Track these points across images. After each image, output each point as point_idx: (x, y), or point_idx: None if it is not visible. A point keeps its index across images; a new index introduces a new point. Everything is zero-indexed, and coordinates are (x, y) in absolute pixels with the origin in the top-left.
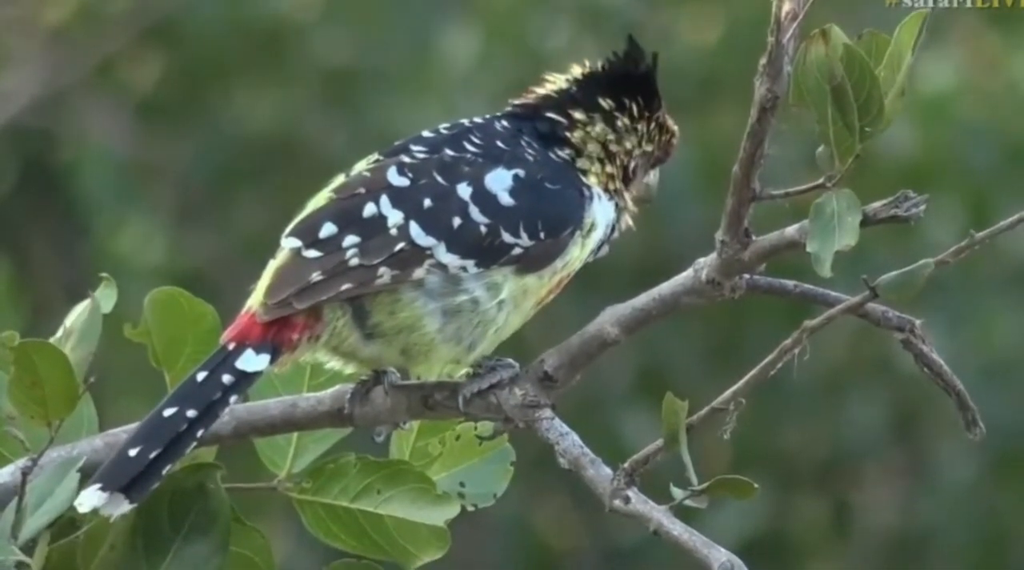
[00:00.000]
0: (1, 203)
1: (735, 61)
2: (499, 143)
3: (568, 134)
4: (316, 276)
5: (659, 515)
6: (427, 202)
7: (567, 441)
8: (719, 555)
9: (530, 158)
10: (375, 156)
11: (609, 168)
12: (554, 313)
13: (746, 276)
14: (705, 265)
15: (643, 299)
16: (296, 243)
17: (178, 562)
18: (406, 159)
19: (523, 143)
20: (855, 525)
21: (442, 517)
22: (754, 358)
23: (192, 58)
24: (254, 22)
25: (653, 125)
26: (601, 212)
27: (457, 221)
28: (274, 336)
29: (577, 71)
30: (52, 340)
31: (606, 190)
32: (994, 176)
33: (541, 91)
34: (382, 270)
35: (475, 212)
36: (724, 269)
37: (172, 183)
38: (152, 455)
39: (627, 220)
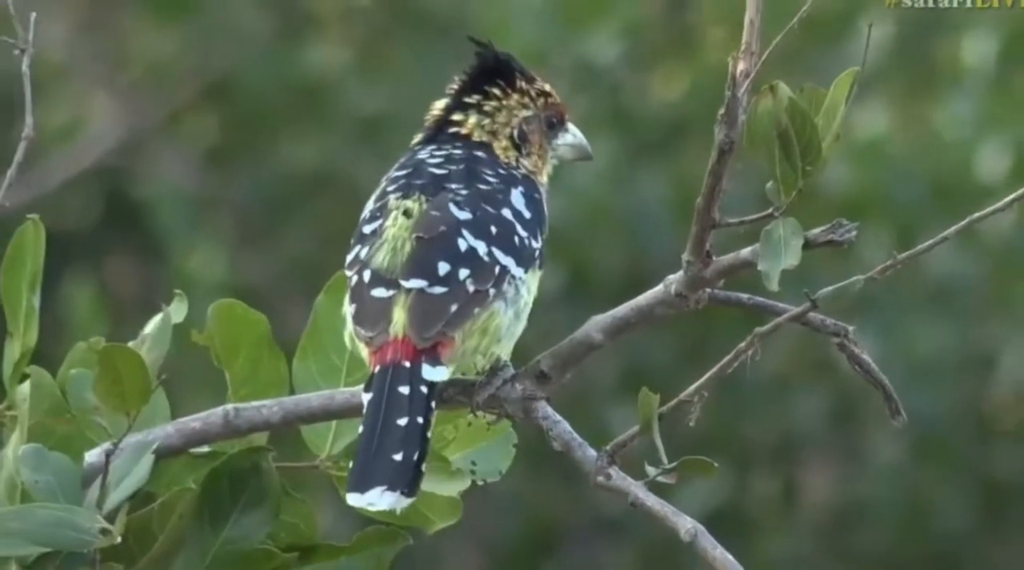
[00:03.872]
0: (90, 232)
1: (698, 111)
2: (498, 170)
3: (461, 130)
4: (454, 307)
5: (636, 489)
6: (493, 229)
7: (559, 427)
8: (685, 523)
9: (516, 175)
10: (417, 194)
11: (504, 142)
12: (548, 322)
13: (708, 290)
14: (674, 281)
15: (623, 309)
16: (422, 283)
17: (237, 528)
18: (455, 196)
19: (498, 163)
20: (801, 500)
21: (455, 489)
22: (717, 359)
23: (245, 110)
24: (297, 79)
25: (521, 95)
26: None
27: (516, 240)
28: (432, 354)
29: (451, 87)
30: (131, 344)
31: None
32: (918, 208)
33: (433, 114)
34: (491, 291)
35: (519, 229)
36: (689, 284)
37: (231, 214)
38: (415, 457)
39: (541, 181)
